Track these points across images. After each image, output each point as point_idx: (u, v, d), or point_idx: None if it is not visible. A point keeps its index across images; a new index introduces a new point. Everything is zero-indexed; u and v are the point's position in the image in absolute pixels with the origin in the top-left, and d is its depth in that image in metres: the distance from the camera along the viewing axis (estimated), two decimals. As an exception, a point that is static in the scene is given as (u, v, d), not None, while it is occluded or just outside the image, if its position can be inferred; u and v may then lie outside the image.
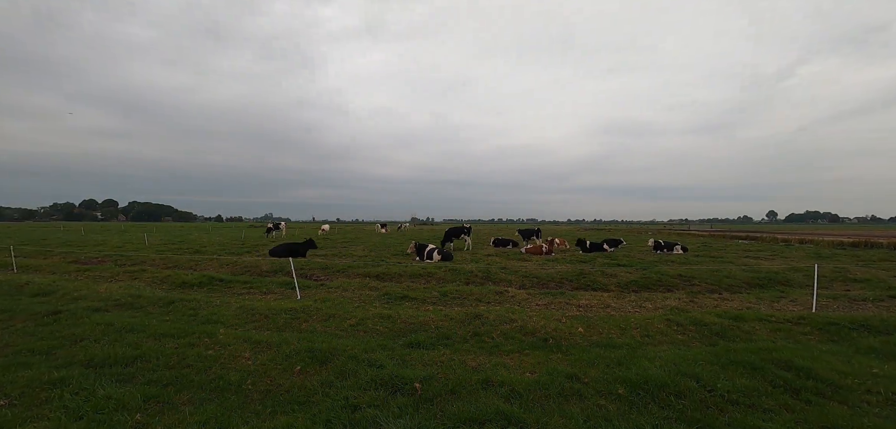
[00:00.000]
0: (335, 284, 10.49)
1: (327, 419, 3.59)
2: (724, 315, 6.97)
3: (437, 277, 11.42)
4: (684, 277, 11.21)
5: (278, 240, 26.23)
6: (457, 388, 4.18)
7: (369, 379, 4.34)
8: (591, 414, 3.70)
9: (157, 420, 3.60)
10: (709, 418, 3.62)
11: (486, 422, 3.56)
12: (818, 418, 3.62)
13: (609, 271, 11.91)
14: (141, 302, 8.02)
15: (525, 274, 11.72)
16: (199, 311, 7.37)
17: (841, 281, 11.30)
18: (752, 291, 10.10)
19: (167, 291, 9.58)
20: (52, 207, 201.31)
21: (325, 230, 28.15)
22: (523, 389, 4.13)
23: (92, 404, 3.80)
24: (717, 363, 4.72)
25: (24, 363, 4.78)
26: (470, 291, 9.24)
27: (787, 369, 4.58)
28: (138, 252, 17.63)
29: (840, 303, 8.64)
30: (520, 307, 7.84)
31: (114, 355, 4.97)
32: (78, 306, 7.54)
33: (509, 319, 6.56)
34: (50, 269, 13.47)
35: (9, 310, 7.25)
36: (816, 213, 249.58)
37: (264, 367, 4.70)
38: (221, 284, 10.29)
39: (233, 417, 3.65)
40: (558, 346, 5.61)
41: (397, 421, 3.57)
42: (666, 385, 4.12)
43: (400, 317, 6.74)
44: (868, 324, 6.54)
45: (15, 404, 3.83)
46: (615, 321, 6.63)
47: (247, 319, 6.85)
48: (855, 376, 4.46)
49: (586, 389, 4.17)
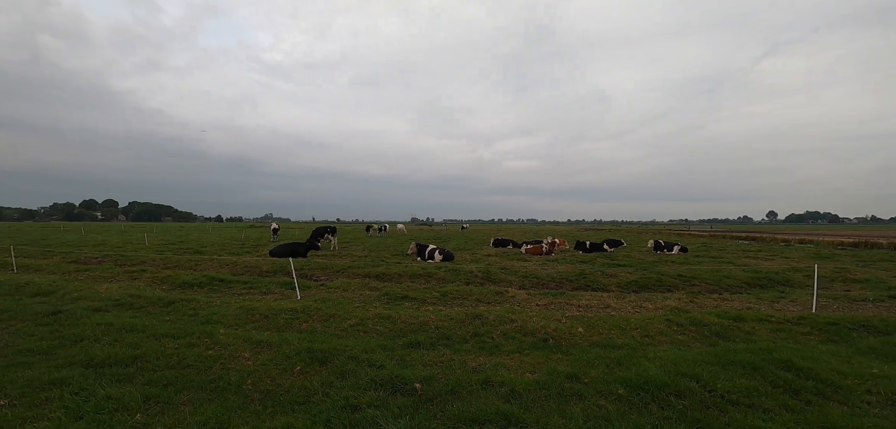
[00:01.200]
0: (335, 284, 10.49)
1: (327, 419, 3.59)
2: (725, 315, 6.97)
3: (438, 278, 11.42)
4: (684, 278, 11.21)
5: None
6: (457, 388, 4.18)
7: (369, 379, 4.34)
8: (590, 414, 3.70)
9: (157, 420, 3.60)
10: (709, 418, 3.62)
11: (486, 422, 3.56)
12: (818, 419, 3.62)
13: (609, 272, 11.92)
14: (141, 302, 8.02)
15: (525, 274, 11.72)
16: (199, 311, 7.37)
17: (841, 281, 11.30)
18: (753, 292, 10.10)
19: (167, 291, 9.58)
20: (52, 207, 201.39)
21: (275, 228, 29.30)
22: (523, 389, 4.13)
23: (92, 404, 3.80)
24: (717, 364, 4.72)
25: (24, 363, 4.78)
26: (470, 292, 9.25)
27: (787, 369, 4.58)
28: (138, 252, 17.63)
29: (840, 303, 8.64)
30: (520, 307, 7.84)
31: (114, 355, 4.97)
32: (78, 306, 7.54)
33: (509, 320, 6.56)
34: (50, 269, 13.47)
35: (9, 310, 7.24)
36: (816, 213, 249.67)
37: (264, 367, 4.70)
38: (221, 285, 10.29)
39: (233, 417, 3.65)
40: (558, 346, 5.61)
41: (397, 421, 3.57)
42: (666, 386, 4.12)
43: (400, 317, 6.74)
44: (868, 324, 6.54)
45: (15, 404, 3.83)
46: (615, 322, 6.63)
47: (247, 320, 6.85)
48: (855, 377, 4.46)
49: (586, 389, 4.17)
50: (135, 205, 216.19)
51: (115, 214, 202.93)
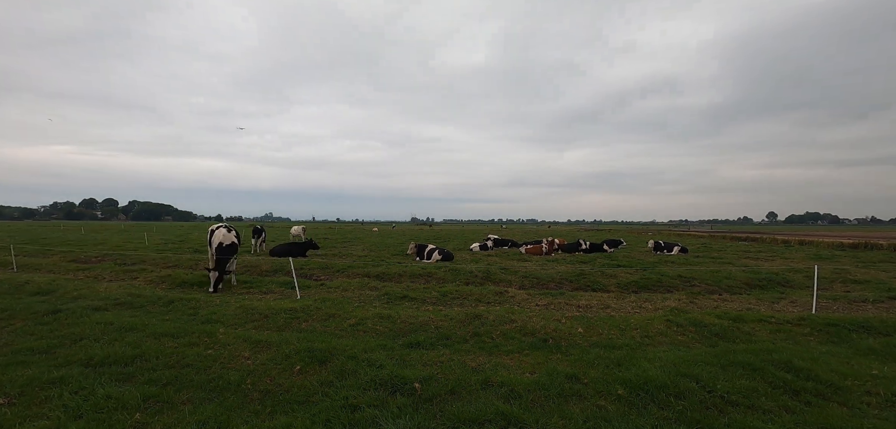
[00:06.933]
0: (335, 283, 10.49)
1: (327, 419, 3.59)
2: (724, 316, 6.96)
3: (437, 278, 11.42)
4: (684, 278, 11.20)
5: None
6: (456, 388, 4.18)
7: (369, 379, 4.34)
8: (590, 415, 3.69)
9: (156, 420, 3.60)
10: (708, 419, 3.62)
11: (486, 422, 3.56)
12: (818, 420, 3.62)
13: (609, 272, 11.91)
14: (141, 301, 8.01)
15: (525, 274, 11.72)
16: (198, 310, 7.37)
17: (841, 282, 11.29)
18: (752, 292, 10.10)
19: (167, 290, 9.58)
20: (52, 206, 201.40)
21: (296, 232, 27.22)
22: (523, 389, 4.13)
23: (91, 403, 3.79)
24: (717, 364, 4.71)
25: (23, 362, 4.78)
26: (470, 292, 9.24)
27: (786, 370, 4.58)
28: (138, 251, 17.62)
29: (840, 304, 8.63)
30: (520, 308, 7.84)
31: (113, 354, 4.96)
32: (78, 305, 7.54)
33: (509, 320, 6.55)
34: (50, 268, 13.47)
35: (9, 309, 7.24)
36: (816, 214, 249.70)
37: (264, 366, 4.70)
38: (221, 284, 10.28)
39: (232, 416, 3.65)
40: (558, 346, 5.61)
41: (397, 421, 3.57)
42: (666, 386, 4.12)
43: (400, 317, 6.73)
44: (868, 325, 6.53)
45: (14, 403, 3.83)
46: (615, 322, 6.62)
47: (246, 319, 6.85)
48: (855, 378, 4.46)
49: (586, 389, 4.16)
50: (135, 204, 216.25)
51: (115, 214, 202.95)
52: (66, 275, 11.89)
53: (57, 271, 12.70)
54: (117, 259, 15.25)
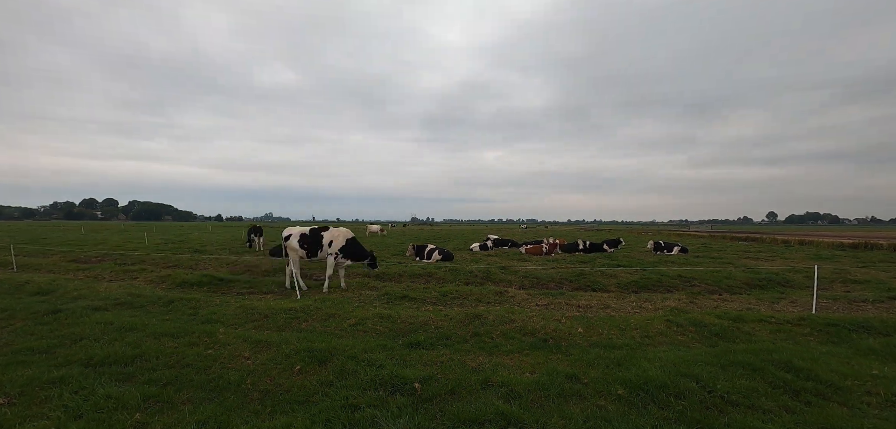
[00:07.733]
0: (335, 283, 10.48)
1: (327, 419, 3.58)
2: (724, 316, 6.96)
3: (437, 278, 11.42)
4: (684, 278, 11.20)
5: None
6: (456, 388, 4.18)
7: (369, 379, 4.34)
8: (590, 415, 3.69)
9: (156, 419, 3.59)
10: (708, 419, 3.61)
11: (486, 422, 3.55)
12: (818, 420, 3.62)
13: (609, 272, 11.92)
14: (140, 301, 8.01)
15: (525, 274, 11.72)
16: (198, 310, 7.37)
17: (841, 282, 11.30)
18: (752, 292, 10.10)
19: (167, 290, 9.57)
20: (52, 206, 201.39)
21: (373, 231, 26.08)
22: (523, 389, 4.12)
23: (91, 403, 3.79)
24: (717, 364, 4.71)
25: (23, 362, 4.78)
26: (470, 292, 9.24)
27: (786, 370, 4.58)
28: (138, 251, 17.61)
29: (840, 304, 8.63)
30: (520, 308, 7.84)
31: (113, 354, 4.96)
32: (77, 305, 7.53)
33: (509, 320, 6.55)
34: (50, 268, 13.47)
35: (8, 309, 7.24)
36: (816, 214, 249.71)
37: (264, 366, 4.70)
38: (221, 284, 10.28)
39: (232, 416, 3.65)
40: (558, 346, 5.61)
41: (397, 421, 3.57)
42: (666, 386, 4.11)
43: (400, 317, 6.73)
44: (868, 325, 6.53)
45: (15, 403, 3.83)
46: (615, 322, 6.62)
47: (246, 319, 6.85)
48: (855, 378, 4.46)
49: (586, 389, 4.16)
50: (135, 204, 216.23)
51: (115, 214, 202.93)
52: (66, 275, 11.89)
53: (57, 271, 12.70)
54: (117, 259, 15.25)
